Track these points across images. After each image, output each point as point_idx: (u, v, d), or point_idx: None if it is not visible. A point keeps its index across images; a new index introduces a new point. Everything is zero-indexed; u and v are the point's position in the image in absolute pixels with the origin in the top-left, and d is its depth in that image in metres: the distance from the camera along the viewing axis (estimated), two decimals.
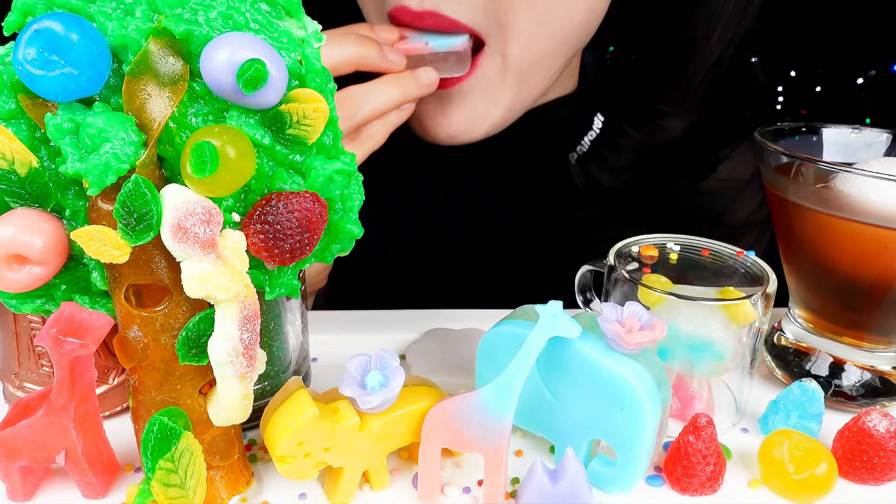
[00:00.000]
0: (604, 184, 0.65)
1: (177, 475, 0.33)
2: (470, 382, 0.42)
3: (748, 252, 0.44)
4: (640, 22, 0.61)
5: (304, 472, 0.35)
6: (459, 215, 0.68)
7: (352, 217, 0.35)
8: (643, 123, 0.64)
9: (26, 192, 0.31)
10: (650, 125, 0.63)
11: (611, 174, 0.65)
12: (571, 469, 0.34)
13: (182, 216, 0.30)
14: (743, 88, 0.67)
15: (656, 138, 0.64)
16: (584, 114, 0.65)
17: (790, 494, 0.37)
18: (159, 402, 0.34)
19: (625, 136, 0.64)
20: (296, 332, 0.44)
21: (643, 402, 0.34)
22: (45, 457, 0.35)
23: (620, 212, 0.67)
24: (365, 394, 0.34)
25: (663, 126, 0.63)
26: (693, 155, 0.66)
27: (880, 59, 0.73)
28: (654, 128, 0.63)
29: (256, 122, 0.32)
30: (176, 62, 0.30)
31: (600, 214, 0.67)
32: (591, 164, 0.64)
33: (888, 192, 0.40)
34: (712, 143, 0.67)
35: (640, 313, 0.35)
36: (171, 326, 0.32)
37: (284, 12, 0.32)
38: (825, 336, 0.47)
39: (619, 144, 0.64)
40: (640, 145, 0.64)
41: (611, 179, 0.65)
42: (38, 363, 0.41)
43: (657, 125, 0.63)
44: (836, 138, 0.51)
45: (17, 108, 0.30)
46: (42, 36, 0.28)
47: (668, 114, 0.63)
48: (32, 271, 0.31)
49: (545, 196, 0.67)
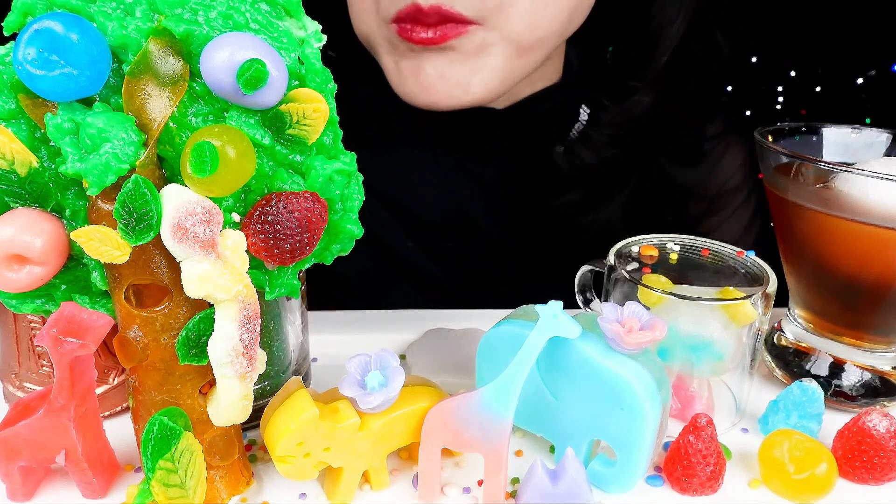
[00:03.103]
0: (586, 160, 0.67)
1: (177, 475, 0.33)
2: (470, 382, 0.42)
3: (748, 252, 0.44)
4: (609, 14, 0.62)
5: (304, 472, 0.35)
6: (452, 212, 0.68)
7: (352, 217, 0.35)
8: (619, 99, 0.67)
9: (26, 192, 0.31)
10: (625, 100, 0.67)
11: (592, 150, 0.67)
12: (571, 469, 0.34)
13: (182, 216, 0.30)
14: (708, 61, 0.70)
15: (632, 112, 0.67)
16: (570, 104, 0.67)
17: (790, 494, 0.37)
18: (159, 402, 0.34)
19: (605, 112, 0.67)
20: (296, 332, 0.44)
21: (643, 402, 0.34)
22: (45, 457, 0.35)
23: (605, 190, 0.69)
24: (365, 394, 0.34)
25: (637, 101, 0.67)
26: (670, 131, 0.70)
27: (880, 59, 0.73)
28: (629, 103, 0.67)
29: (256, 122, 0.32)
30: (176, 62, 0.30)
31: (586, 195, 0.69)
32: (575, 144, 0.67)
33: (888, 192, 0.40)
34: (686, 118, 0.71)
35: (640, 313, 0.35)
36: (171, 326, 0.32)
37: (284, 12, 0.32)
38: (825, 336, 0.47)
39: (600, 119, 0.67)
40: (617, 120, 0.67)
41: (592, 156, 0.67)
42: (38, 363, 0.41)
43: (631, 100, 0.67)
44: (836, 138, 0.51)
45: (17, 108, 0.30)
46: (42, 36, 0.28)
47: (640, 89, 0.67)
48: (32, 271, 0.31)
49: (537, 187, 0.67)
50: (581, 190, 0.68)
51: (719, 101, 0.75)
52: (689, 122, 0.71)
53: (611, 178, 0.69)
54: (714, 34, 0.69)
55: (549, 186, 0.68)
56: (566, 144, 0.66)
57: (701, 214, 0.72)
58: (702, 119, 0.71)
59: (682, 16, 0.64)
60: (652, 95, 0.67)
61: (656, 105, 0.67)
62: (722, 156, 0.71)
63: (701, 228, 0.72)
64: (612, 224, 0.69)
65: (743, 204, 0.72)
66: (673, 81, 0.68)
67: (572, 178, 0.67)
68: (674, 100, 0.69)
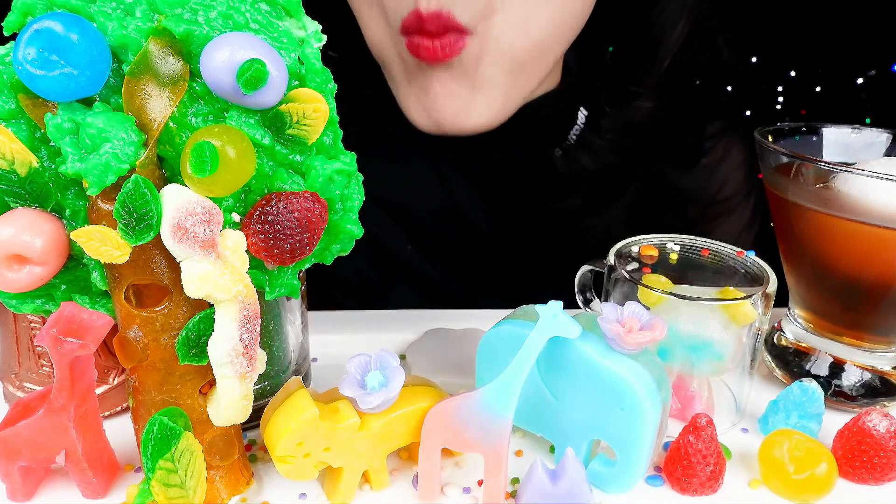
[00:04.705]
0: (587, 167, 0.67)
1: (177, 475, 0.33)
2: (470, 382, 0.42)
3: (748, 252, 0.44)
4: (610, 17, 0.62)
5: (304, 472, 0.35)
6: (451, 215, 0.68)
7: (352, 217, 0.35)
8: (620, 104, 0.67)
9: (26, 192, 0.31)
10: (626, 105, 0.67)
11: (593, 156, 0.67)
12: (571, 469, 0.34)
13: (182, 216, 0.30)
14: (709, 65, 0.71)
15: (633, 118, 0.67)
16: (568, 108, 0.67)
17: (790, 494, 0.37)
18: (159, 402, 0.34)
19: (605, 118, 0.67)
20: (296, 332, 0.44)
21: (643, 402, 0.34)
22: (45, 457, 0.35)
23: (605, 195, 0.69)
24: (365, 394, 0.34)
25: (638, 106, 0.67)
26: (671, 136, 0.70)
27: (880, 59, 0.73)
28: (630, 108, 0.67)
29: (256, 122, 0.32)
30: (176, 62, 0.30)
31: (586, 200, 0.69)
32: (575, 149, 0.67)
33: (888, 192, 0.40)
34: (688, 124, 0.71)
35: (640, 313, 0.35)
36: (171, 326, 0.32)
37: (284, 12, 0.32)
38: (825, 336, 0.47)
39: (601, 125, 0.67)
40: (619, 126, 0.67)
41: (594, 162, 0.67)
42: (38, 363, 0.41)
43: (632, 106, 0.67)
44: (836, 138, 0.51)
45: (17, 108, 0.30)
46: (42, 36, 0.28)
47: (641, 95, 0.67)
48: (32, 271, 0.31)
49: (535, 190, 0.67)
50: (581, 194, 0.68)
51: (720, 102, 0.75)
52: (689, 126, 0.71)
53: (611, 183, 0.69)
54: (715, 37, 0.69)
55: (548, 190, 0.68)
56: (565, 149, 0.67)
57: (701, 217, 0.72)
58: (702, 122, 0.71)
59: (684, 20, 0.64)
60: (653, 100, 0.67)
61: (657, 110, 0.67)
62: (722, 157, 0.71)
63: (701, 229, 0.72)
64: (612, 227, 0.69)
65: (743, 204, 0.72)
66: (674, 86, 0.68)
67: (572, 183, 0.67)
68: (675, 104, 0.69)
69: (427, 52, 0.52)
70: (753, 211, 0.72)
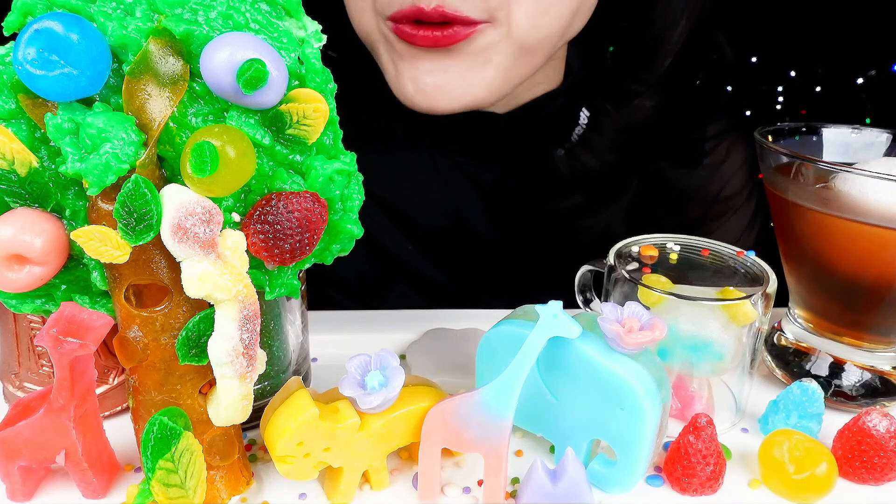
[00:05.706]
0: (587, 165, 0.67)
1: (177, 475, 0.33)
2: (470, 382, 0.42)
3: (748, 252, 0.44)
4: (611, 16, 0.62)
5: (304, 472, 0.35)
6: (452, 215, 0.68)
7: (352, 217, 0.35)
8: (621, 103, 0.67)
9: (26, 192, 0.31)
10: (627, 104, 0.67)
11: (595, 156, 0.67)
12: (571, 469, 0.34)
13: (182, 216, 0.30)
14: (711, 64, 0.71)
15: (634, 117, 0.67)
16: (570, 108, 0.67)
17: (790, 494, 0.37)
18: (159, 402, 0.34)
19: (607, 117, 0.67)
20: (296, 332, 0.44)
21: (643, 402, 0.34)
22: (45, 457, 0.35)
23: (606, 195, 0.69)
24: (365, 394, 0.34)
25: (639, 105, 0.67)
26: (672, 135, 0.70)
27: (880, 59, 0.73)
28: (631, 107, 0.67)
29: (256, 122, 0.32)
30: (176, 62, 0.30)
31: (587, 199, 0.69)
32: (576, 148, 0.67)
33: (888, 192, 0.40)
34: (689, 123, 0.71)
35: (640, 313, 0.35)
36: (171, 326, 0.32)
37: (284, 12, 0.32)
38: (825, 336, 0.47)
39: (602, 124, 0.67)
40: (620, 125, 0.67)
41: (594, 160, 0.67)
42: (38, 363, 0.41)
43: (633, 104, 0.67)
44: (836, 138, 0.51)
45: (17, 108, 0.30)
46: (42, 36, 0.28)
47: (642, 93, 0.67)
48: (32, 271, 0.31)
49: (536, 190, 0.67)
50: (582, 194, 0.68)
51: (720, 102, 0.75)
52: (690, 125, 0.71)
53: (612, 183, 0.69)
54: (716, 36, 0.69)
55: (549, 190, 0.68)
56: (567, 148, 0.67)
57: (702, 217, 0.72)
58: (703, 122, 0.71)
59: (686, 19, 0.64)
60: (654, 99, 0.67)
61: (658, 109, 0.67)
62: (722, 157, 0.71)
63: (702, 230, 0.72)
64: (612, 226, 0.69)
65: (743, 204, 0.72)
66: (675, 85, 0.68)
67: (573, 183, 0.67)
68: (676, 103, 0.69)
69: (425, 40, 0.51)
70: (755, 211, 0.72)
